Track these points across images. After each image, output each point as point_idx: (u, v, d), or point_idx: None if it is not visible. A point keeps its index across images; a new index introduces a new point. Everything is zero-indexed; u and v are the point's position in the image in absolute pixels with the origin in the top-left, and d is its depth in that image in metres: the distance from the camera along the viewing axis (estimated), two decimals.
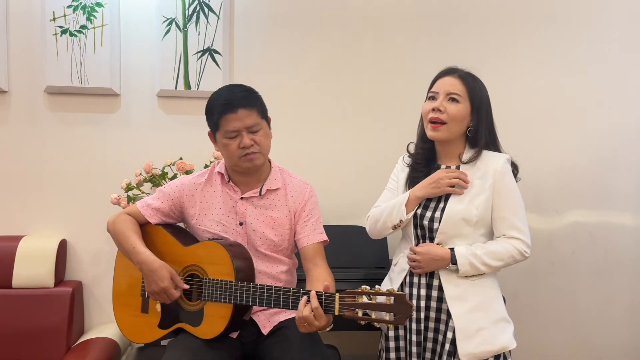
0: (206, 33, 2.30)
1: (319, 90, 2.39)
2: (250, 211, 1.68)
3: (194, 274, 1.63)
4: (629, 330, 2.53)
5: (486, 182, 1.63)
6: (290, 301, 1.49)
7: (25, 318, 2.08)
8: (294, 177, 1.77)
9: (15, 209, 2.28)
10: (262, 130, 1.63)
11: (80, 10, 2.23)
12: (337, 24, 2.40)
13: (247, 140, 1.59)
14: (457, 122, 1.65)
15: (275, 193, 1.71)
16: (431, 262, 1.61)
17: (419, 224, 1.67)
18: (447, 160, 1.72)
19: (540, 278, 2.48)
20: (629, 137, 2.48)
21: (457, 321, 1.57)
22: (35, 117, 2.28)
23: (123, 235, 1.66)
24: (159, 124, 2.34)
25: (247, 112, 1.59)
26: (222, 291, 1.55)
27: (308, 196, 1.73)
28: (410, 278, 1.68)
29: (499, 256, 1.60)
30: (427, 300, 1.64)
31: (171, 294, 1.56)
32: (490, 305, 1.62)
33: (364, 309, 1.39)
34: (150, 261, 1.58)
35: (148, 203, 1.74)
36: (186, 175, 1.78)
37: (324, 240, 1.71)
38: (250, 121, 1.59)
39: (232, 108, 1.58)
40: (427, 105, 1.69)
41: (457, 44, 2.42)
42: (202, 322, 1.58)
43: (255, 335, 1.67)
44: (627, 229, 2.49)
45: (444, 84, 1.67)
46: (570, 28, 2.46)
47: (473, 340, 1.55)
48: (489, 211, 1.63)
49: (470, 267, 1.58)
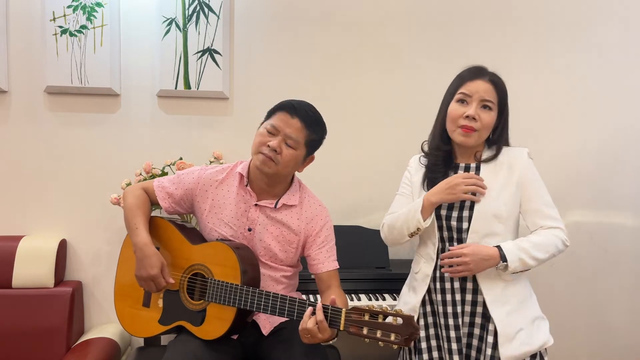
0: (206, 33, 2.30)
1: (319, 90, 2.39)
2: (261, 220, 1.66)
3: (200, 273, 1.62)
4: (629, 330, 2.53)
5: (511, 176, 1.59)
6: (296, 311, 1.48)
7: (25, 318, 2.08)
8: (312, 197, 1.73)
9: (15, 209, 2.29)
10: (296, 150, 1.59)
11: (80, 10, 2.23)
12: (338, 23, 2.40)
13: (276, 143, 1.56)
14: (488, 130, 1.61)
15: (291, 209, 1.68)
16: (481, 263, 1.51)
17: (446, 225, 1.60)
18: (466, 159, 1.67)
19: (540, 278, 2.47)
20: (629, 137, 2.48)
21: (500, 325, 1.51)
22: (35, 117, 2.29)
23: (131, 211, 1.65)
24: (159, 124, 2.34)
25: (300, 125, 1.58)
26: (227, 294, 1.54)
27: (324, 222, 1.69)
28: (441, 284, 1.60)
29: (546, 248, 1.54)
30: (462, 305, 1.58)
31: (159, 283, 1.55)
32: (526, 304, 1.58)
33: (370, 327, 1.37)
34: (144, 246, 1.57)
35: (164, 185, 1.72)
36: (207, 168, 1.74)
37: (337, 268, 1.70)
38: (294, 133, 1.57)
39: (293, 112, 1.58)
40: (458, 110, 1.60)
41: (458, 43, 2.42)
42: (204, 322, 1.58)
43: (255, 335, 1.66)
44: (627, 229, 2.50)
45: (478, 89, 1.59)
46: (571, 29, 2.46)
47: (513, 342, 1.51)
48: (516, 206, 1.59)
49: (520, 263, 1.51)
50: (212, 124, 2.36)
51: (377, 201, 2.39)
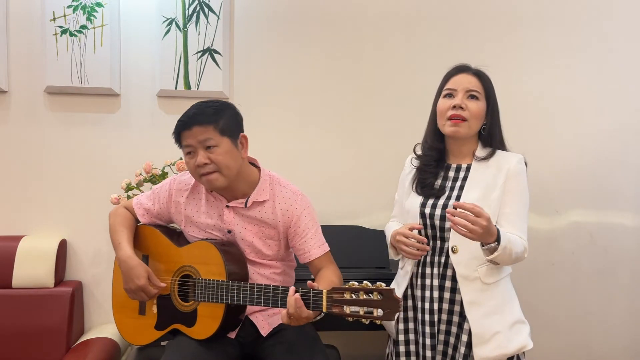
0: (206, 33, 2.30)
1: (319, 90, 2.39)
2: (237, 220, 1.64)
3: (188, 274, 1.63)
4: (629, 330, 2.53)
5: (498, 179, 1.60)
6: (280, 299, 1.48)
7: (25, 318, 2.08)
8: (285, 186, 1.67)
9: (15, 209, 2.28)
10: (220, 148, 1.53)
11: (80, 10, 2.23)
12: (338, 23, 2.40)
13: (200, 158, 1.52)
14: (477, 119, 1.63)
15: (263, 205, 1.63)
16: (485, 235, 1.44)
17: (430, 223, 1.61)
18: (459, 159, 1.69)
19: (540, 278, 2.47)
20: (629, 137, 2.48)
21: (474, 326, 1.53)
22: (35, 117, 2.28)
23: (114, 229, 1.68)
24: (159, 124, 2.34)
25: (202, 129, 1.52)
26: (214, 291, 1.54)
27: (300, 210, 1.64)
28: (422, 280, 1.62)
29: (518, 248, 1.54)
30: (440, 302, 1.59)
31: (148, 292, 1.56)
32: (505, 308, 1.59)
33: (352, 305, 1.36)
34: (128, 259, 1.58)
35: (141, 202, 1.74)
36: (176, 178, 1.73)
37: (326, 251, 1.68)
38: (203, 137, 1.52)
39: (186, 126, 1.53)
40: (445, 103, 1.64)
41: (458, 43, 2.42)
42: (196, 322, 1.58)
43: (254, 335, 1.66)
44: (627, 229, 2.49)
45: (462, 81, 1.64)
46: (570, 28, 2.45)
47: (489, 344, 1.52)
48: (498, 208, 1.60)
49: (503, 252, 1.47)
50: None
51: (377, 201, 2.39)
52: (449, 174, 1.68)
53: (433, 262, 1.62)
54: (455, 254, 1.57)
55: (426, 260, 1.63)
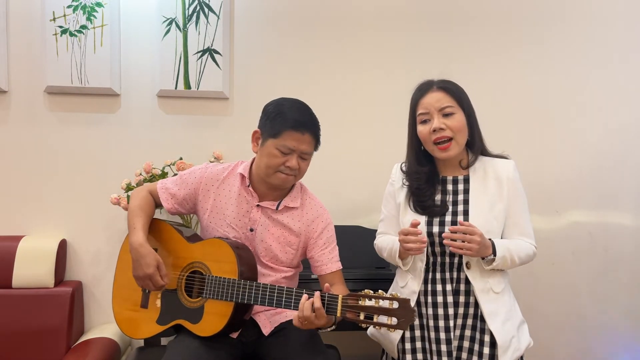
0: (206, 33, 2.30)
1: (319, 90, 2.39)
2: (263, 220, 1.67)
3: (198, 270, 1.63)
4: (629, 330, 2.53)
5: (501, 190, 1.61)
6: (293, 301, 1.49)
7: (25, 318, 2.08)
8: (313, 199, 1.74)
9: (15, 209, 2.28)
10: (309, 160, 1.65)
11: (80, 10, 2.23)
12: (338, 23, 2.40)
13: (295, 162, 1.59)
14: (461, 132, 1.60)
15: (292, 211, 1.69)
16: (482, 249, 1.51)
17: (438, 241, 1.59)
18: (452, 171, 1.68)
19: (540, 278, 2.47)
20: (629, 137, 2.48)
21: (499, 337, 1.53)
22: (35, 117, 2.28)
23: (133, 212, 1.66)
24: (159, 124, 2.34)
25: (311, 139, 1.61)
26: (225, 289, 1.55)
27: (325, 224, 1.71)
28: (433, 298, 1.60)
29: (524, 253, 1.59)
30: (455, 319, 1.58)
31: (156, 281, 1.56)
32: (512, 312, 1.61)
33: (367, 312, 1.38)
34: (141, 246, 1.57)
35: (167, 186, 1.73)
36: (209, 166, 1.75)
37: (340, 269, 1.72)
38: (308, 149, 1.61)
39: (303, 129, 1.58)
40: (424, 129, 1.61)
41: (457, 42, 2.42)
42: (202, 319, 1.58)
43: (256, 335, 1.67)
44: (627, 229, 2.49)
45: (431, 102, 1.60)
46: (571, 29, 2.46)
47: (509, 351, 1.54)
48: (504, 220, 1.62)
49: (503, 261, 1.54)
50: (212, 124, 2.36)
51: (377, 201, 2.37)
52: (447, 188, 1.67)
53: (445, 278, 1.61)
54: (469, 270, 1.58)
55: (435, 277, 1.62)
